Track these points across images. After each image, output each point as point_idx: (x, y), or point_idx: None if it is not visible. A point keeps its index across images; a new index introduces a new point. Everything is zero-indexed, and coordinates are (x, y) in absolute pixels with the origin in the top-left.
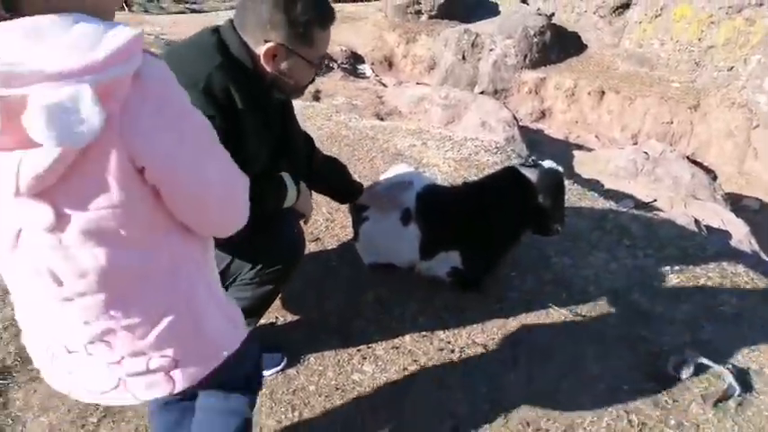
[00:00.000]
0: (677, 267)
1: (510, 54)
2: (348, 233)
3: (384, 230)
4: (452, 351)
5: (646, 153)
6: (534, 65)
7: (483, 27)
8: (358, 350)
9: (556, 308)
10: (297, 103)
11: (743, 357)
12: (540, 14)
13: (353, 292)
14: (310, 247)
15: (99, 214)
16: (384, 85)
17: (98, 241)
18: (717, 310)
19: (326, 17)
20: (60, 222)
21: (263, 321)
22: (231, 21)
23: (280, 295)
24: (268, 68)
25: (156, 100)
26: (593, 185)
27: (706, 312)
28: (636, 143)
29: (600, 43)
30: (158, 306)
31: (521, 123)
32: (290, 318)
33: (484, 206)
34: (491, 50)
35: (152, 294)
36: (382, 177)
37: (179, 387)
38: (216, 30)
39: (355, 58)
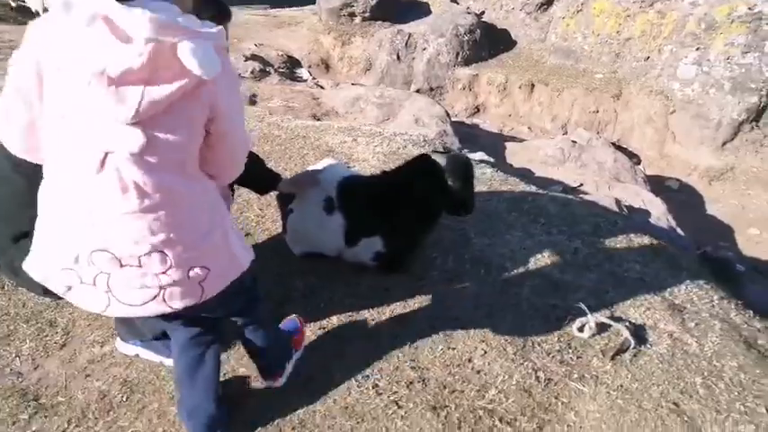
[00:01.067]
0: (588, 241)
1: (443, 52)
2: (278, 227)
3: (309, 221)
4: (376, 327)
5: (574, 141)
6: (467, 62)
7: (416, 27)
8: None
9: (466, 285)
10: None
11: (640, 316)
12: (469, 13)
13: (283, 281)
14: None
15: (175, 144)
16: (321, 88)
17: (170, 167)
18: (621, 276)
19: None
20: (149, 146)
21: None
22: None
23: None
24: None
25: (230, 70)
26: (524, 173)
27: (611, 279)
28: (566, 132)
29: (528, 39)
30: (204, 225)
31: (457, 119)
32: None
33: (400, 191)
34: (424, 50)
35: (200, 215)
36: (315, 166)
37: (206, 295)
38: None
39: (292, 63)
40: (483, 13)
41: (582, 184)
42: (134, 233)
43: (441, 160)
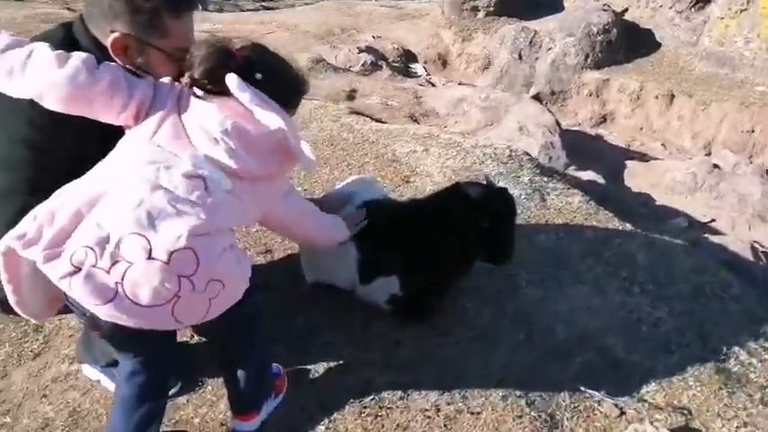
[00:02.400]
0: (679, 309)
1: (570, 53)
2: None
3: (322, 248)
4: (363, 392)
5: (715, 165)
6: (598, 65)
7: (543, 24)
8: None
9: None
10: (310, 103)
11: None
12: (605, 10)
13: (285, 313)
14: (258, 260)
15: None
16: (433, 85)
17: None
18: (715, 368)
19: (177, 4)
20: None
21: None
22: (82, 14)
23: None
24: (120, 62)
25: None
26: (643, 200)
27: (698, 370)
28: (709, 153)
29: (675, 41)
30: (229, 234)
31: (578, 128)
32: (201, 339)
33: (425, 227)
34: (549, 49)
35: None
36: (343, 183)
37: (210, 314)
38: (68, 24)
39: (408, 57)
40: (626, 10)
41: (713, 220)
42: (180, 224)
43: (477, 195)
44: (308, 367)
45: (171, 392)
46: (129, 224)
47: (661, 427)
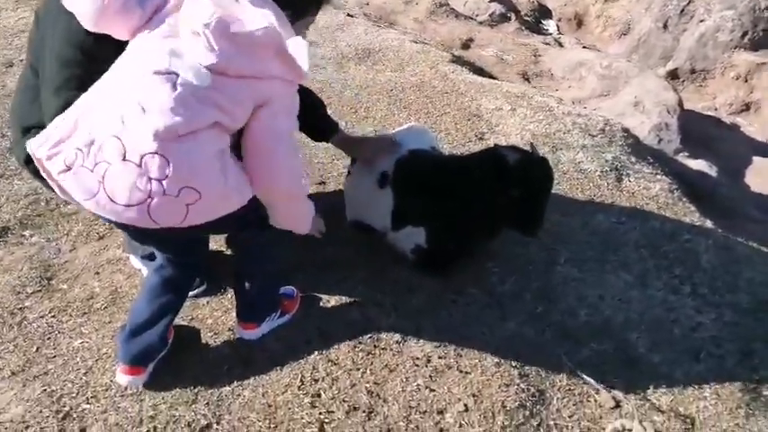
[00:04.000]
0: (729, 320)
1: (725, 28)
2: None
3: (361, 189)
4: (365, 330)
5: None
6: (755, 45)
7: None
8: None
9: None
10: (412, 47)
11: None
12: None
13: (316, 243)
14: (311, 189)
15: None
16: (560, 45)
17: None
18: (736, 390)
19: None
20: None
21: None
22: None
23: None
24: None
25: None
26: (758, 201)
27: (718, 385)
28: None
29: None
30: (214, 146)
31: (713, 113)
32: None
33: (456, 184)
34: (701, 21)
35: (214, 137)
36: (396, 130)
37: (190, 221)
38: None
39: (542, 12)
40: None
41: None
42: (147, 127)
43: (513, 161)
44: (320, 296)
45: (194, 292)
46: (109, 128)
47: (649, 429)
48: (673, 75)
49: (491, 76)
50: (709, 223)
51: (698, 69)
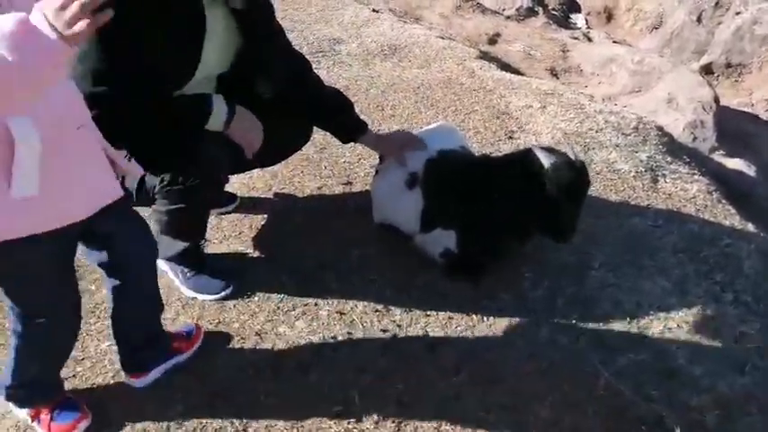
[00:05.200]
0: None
1: (763, 21)
2: None
3: (389, 190)
4: (395, 336)
5: None
6: None
7: None
8: (304, 304)
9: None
10: (438, 43)
11: None
12: None
13: (343, 245)
14: (336, 190)
15: None
16: (589, 40)
17: None
18: None
19: None
20: None
21: (225, 250)
22: None
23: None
24: None
25: None
26: None
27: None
28: None
29: None
30: None
31: (750, 110)
32: (262, 253)
33: (489, 186)
34: (738, 14)
35: None
36: (423, 129)
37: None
38: None
39: (570, 6)
40: None
41: None
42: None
43: (546, 163)
44: (348, 301)
45: (219, 295)
46: None
47: None
48: (707, 69)
49: (519, 72)
50: (750, 227)
51: (734, 64)
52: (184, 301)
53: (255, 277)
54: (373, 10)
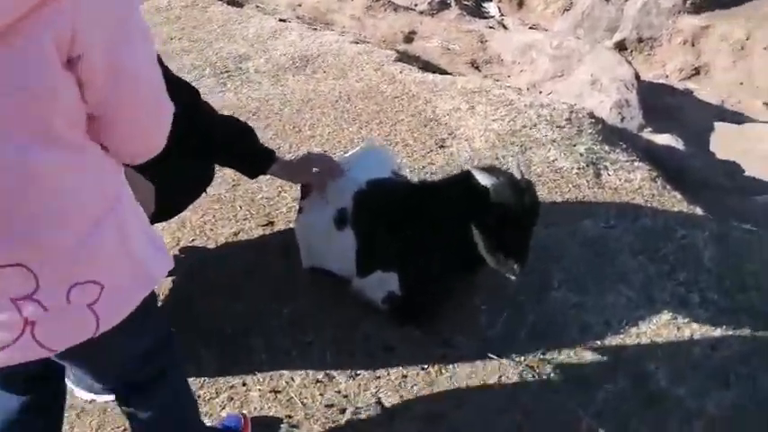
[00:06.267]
0: (749, 328)
1: None
2: None
3: (316, 231)
4: (343, 411)
5: None
6: (697, 9)
7: None
8: (230, 385)
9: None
10: (352, 48)
11: None
12: None
13: (270, 301)
14: (256, 233)
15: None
16: (505, 27)
17: (18, 129)
18: None
19: None
20: None
21: None
22: None
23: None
24: None
25: None
26: (726, 169)
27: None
28: None
29: None
30: (88, 217)
31: (665, 81)
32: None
33: (428, 217)
34: None
35: (81, 203)
36: (347, 154)
37: (103, 325)
38: None
39: None
40: None
41: None
42: None
43: (488, 185)
44: (283, 374)
45: None
46: None
47: None
48: (620, 46)
49: (440, 70)
50: (698, 210)
51: (645, 38)
52: (79, 408)
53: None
54: (279, 19)
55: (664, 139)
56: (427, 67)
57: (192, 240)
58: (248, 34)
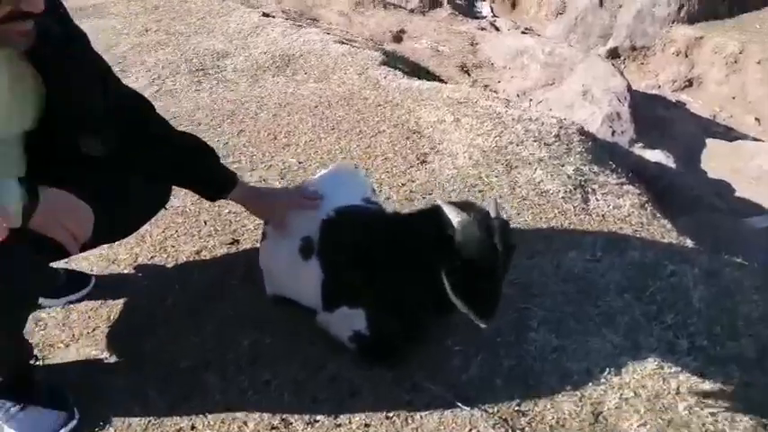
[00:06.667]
0: (739, 381)
1: (660, 3)
2: None
3: (281, 260)
4: None
5: None
6: (691, 19)
7: None
8: (178, 428)
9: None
10: (337, 49)
11: None
12: None
13: (230, 331)
14: (220, 252)
15: None
16: (497, 29)
17: None
18: None
19: None
20: None
21: (74, 357)
22: None
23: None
24: None
25: None
26: (717, 189)
27: None
28: None
29: None
30: None
31: (657, 92)
32: (122, 356)
33: (398, 252)
34: None
35: None
36: (316, 176)
37: None
38: None
39: None
40: None
41: None
42: None
43: (456, 222)
44: (236, 417)
45: None
46: None
47: None
48: (613, 53)
49: (428, 72)
50: (688, 242)
51: (638, 46)
52: None
53: (113, 395)
54: (263, 14)
55: (654, 155)
56: (415, 69)
57: (152, 258)
58: (229, 29)
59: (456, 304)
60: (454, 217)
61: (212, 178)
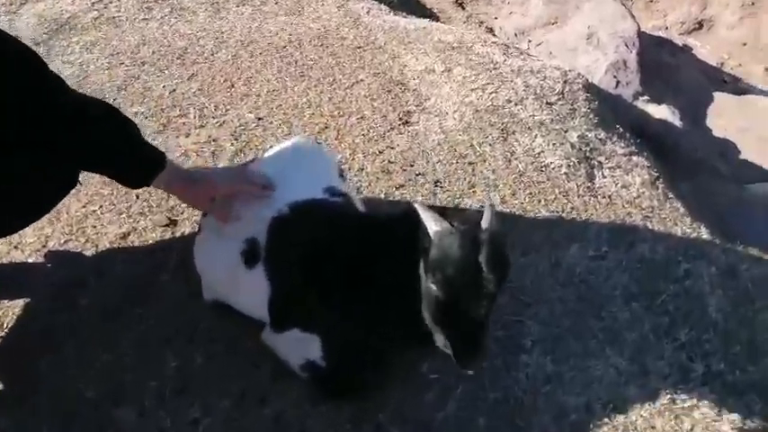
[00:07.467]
0: (758, 415)
1: None
2: None
3: (220, 263)
4: None
5: None
6: None
7: None
8: None
9: None
10: None
11: None
12: None
13: (154, 348)
14: (151, 236)
15: None
16: None
17: None
18: None
19: None
20: None
21: None
22: None
23: None
24: None
25: None
26: (721, 150)
27: None
28: None
29: None
30: None
31: (664, 34)
32: (18, 372)
33: (362, 265)
34: None
35: None
36: (267, 153)
37: None
38: None
39: None
40: None
41: None
42: None
43: (434, 232)
44: None
45: None
46: None
47: None
48: None
49: (419, 3)
50: (703, 231)
51: None
52: None
53: (9, 427)
54: None
55: (660, 111)
56: (406, 1)
57: (65, 242)
58: None
59: (434, 337)
60: (432, 226)
61: (131, 162)
